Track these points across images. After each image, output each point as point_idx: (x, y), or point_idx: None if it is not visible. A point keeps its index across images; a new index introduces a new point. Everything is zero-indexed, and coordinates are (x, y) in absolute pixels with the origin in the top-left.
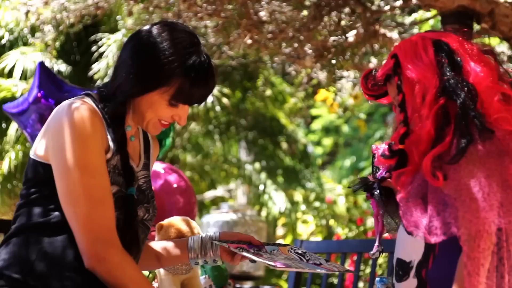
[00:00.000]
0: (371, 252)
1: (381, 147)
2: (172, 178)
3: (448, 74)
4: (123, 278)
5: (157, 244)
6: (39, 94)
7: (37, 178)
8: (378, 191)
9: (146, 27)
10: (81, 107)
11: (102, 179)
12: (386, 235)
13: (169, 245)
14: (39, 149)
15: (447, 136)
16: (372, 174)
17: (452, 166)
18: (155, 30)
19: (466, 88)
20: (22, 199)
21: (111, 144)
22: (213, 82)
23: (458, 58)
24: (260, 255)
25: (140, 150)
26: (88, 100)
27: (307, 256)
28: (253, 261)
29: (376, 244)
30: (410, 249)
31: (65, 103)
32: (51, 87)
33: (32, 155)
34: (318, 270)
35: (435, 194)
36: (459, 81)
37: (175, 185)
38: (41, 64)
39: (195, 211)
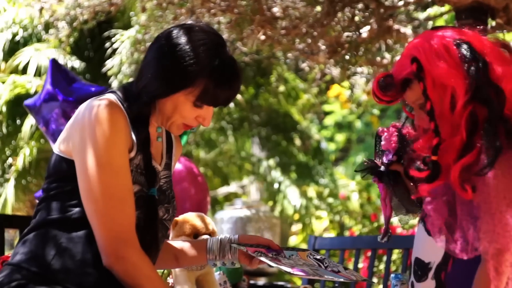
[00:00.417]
0: (379, 237)
1: (390, 130)
2: (182, 166)
3: (476, 77)
4: (140, 278)
5: (176, 244)
6: (52, 92)
7: (60, 173)
8: (387, 175)
9: (173, 28)
10: (106, 105)
11: (124, 178)
12: (400, 230)
13: (188, 245)
14: (62, 144)
15: (476, 144)
16: (376, 157)
17: (480, 177)
18: (181, 31)
19: (494, 92)
20: (44, 193)
21: (135, 143)
22: (238, 84)
23: (483, 59)
24: (278, 260)
25: (162, 150)
26: (113, 98)
27: (326, 263)
28: (272, 266)
29: (385, 228)
30: (429, 250)
31: (90, 100)
32: (62, 84)
33: (55, 150)
34: (336, 279)
35: (463, 206)
36: (487, 84)
37: (184, 173)
38: (53, 61)
39: (208, 200)
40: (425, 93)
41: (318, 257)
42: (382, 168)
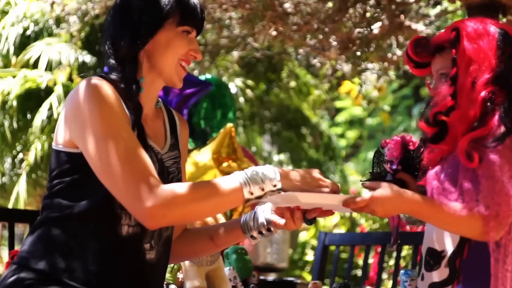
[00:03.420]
0: (389, 244)
1: (395, 140)
2: None
3: (504, 63)
4: (192, 195)
5: (209, 226)
6: None
7: (60, 169)
8: (395, 183)
9: None
10: (94, 84)
11: (129, 141)
12: (410, 227)
13: (221, 224)
14: (59, 137)
15: (488, 122)
16: (373, 171)
17: (488, 149)
18: None
19: None
20: (47, 191)
21: (129, 118)
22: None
23: None
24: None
25: (165, 130)
26: (98, 77)
27: None
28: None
29: (394, 237)
30: (443, 238)
31: (76, 86)
32: None
33: (53, 145)
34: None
35: (466, 173)
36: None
37: None
38: None
39: None
40: (454, 60)
41: None
42: (389, 176)
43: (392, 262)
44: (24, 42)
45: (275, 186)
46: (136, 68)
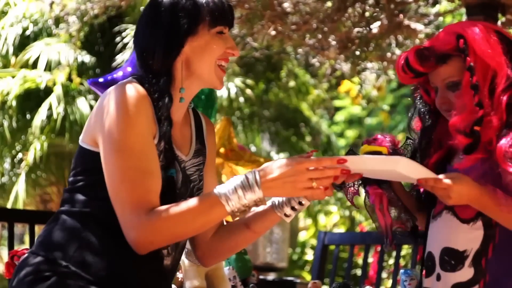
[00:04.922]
0: (385, 245)
1: (380, 138)
2: None
3: None
4: (174, 226)
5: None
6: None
7: (83, 166)
8: (385, 181)
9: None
10: (129, 91)
11: (139, 161)
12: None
13: (253, 211)
14: (86, 135)
15: None
16: None
17: None
18: None
19: None
20: (69, 185)
21: (157, 129)
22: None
23: None
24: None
25: (191, 136)
26: (136, 82)
27: None
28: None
29: (389, 237)
30: (464, 238)
31: (112, 86)
32: None
33: (80, 142)
34: None
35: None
36: None
37: None
38: None
39: None
40: (471, 68)
41: None
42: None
43: (391, 261)
44: (23, 42)
45: (255, 200)
46: (170, 81)
